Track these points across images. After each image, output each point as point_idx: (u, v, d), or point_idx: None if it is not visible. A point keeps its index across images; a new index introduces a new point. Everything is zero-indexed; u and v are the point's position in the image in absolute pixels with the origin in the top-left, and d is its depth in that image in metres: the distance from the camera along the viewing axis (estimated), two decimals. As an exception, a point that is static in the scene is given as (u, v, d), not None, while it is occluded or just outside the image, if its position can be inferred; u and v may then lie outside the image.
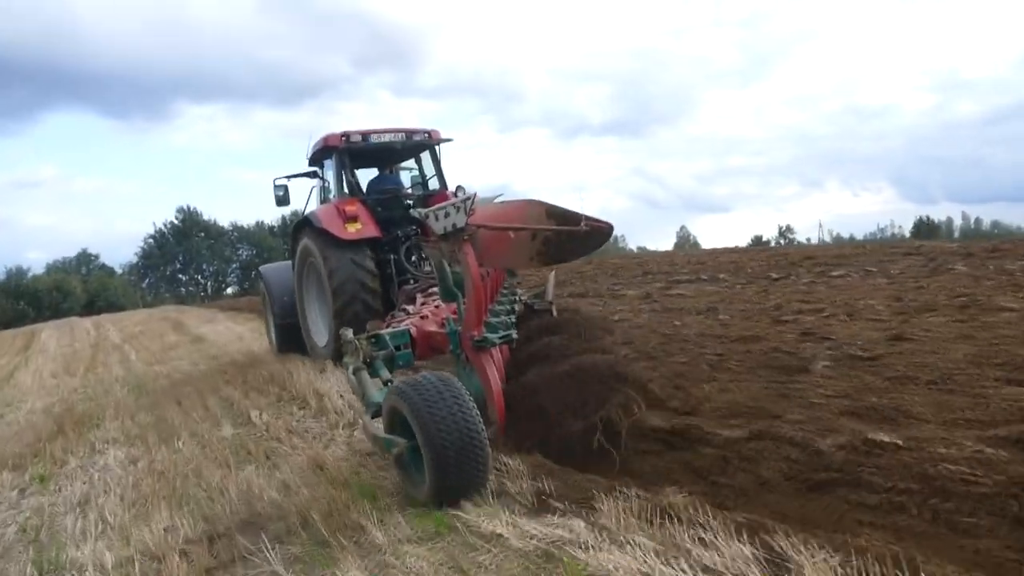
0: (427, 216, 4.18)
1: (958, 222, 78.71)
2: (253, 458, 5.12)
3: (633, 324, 8.84)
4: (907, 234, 61.09)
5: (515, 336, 4.46)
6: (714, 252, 24.46)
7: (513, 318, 5.30)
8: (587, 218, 4.24)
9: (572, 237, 4.31)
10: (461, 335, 4.39)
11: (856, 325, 6.98)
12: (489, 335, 4.27)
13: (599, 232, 4.31)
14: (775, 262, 15.81)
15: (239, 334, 15.86)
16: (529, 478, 3.73)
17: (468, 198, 4.03)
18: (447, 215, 4.09)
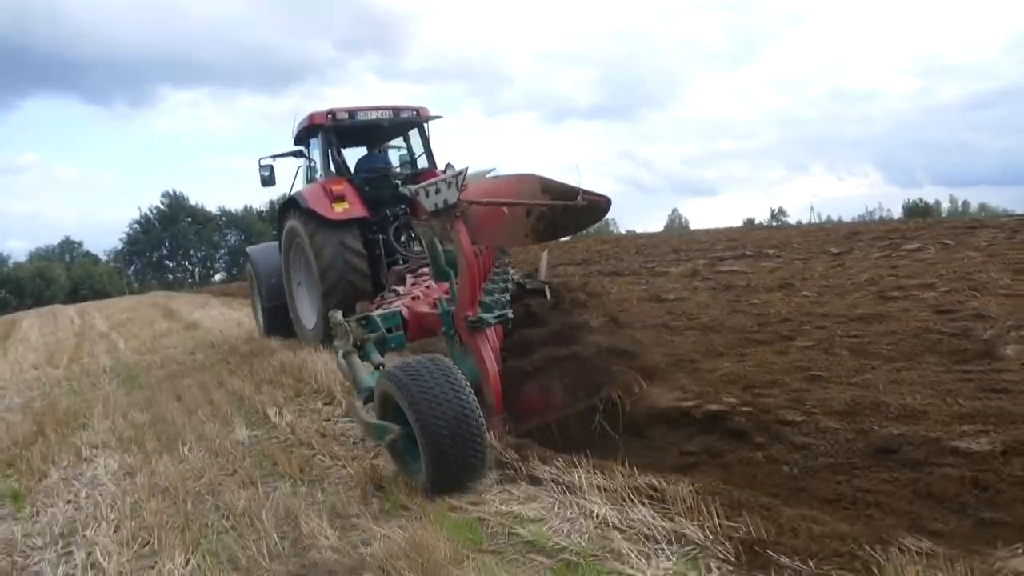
0: (417, 192, 4.02)
1: (945, 205, 79.20)
2: (283, 472, 4.18)
3: (698, 304, 8.21)
4: (895, 217, 61.23)
5: (511, 315, 4.30)
6: (731, 230, 23.75)
7: (507, 297, 5.14)
8: (584, 192, 4.08)
9: (569, 212, 4.16)
10: (455, 316, 4.24)
11: (996, 300, 6.24)
12: (484, 315, 4.11)
13: (597, 207, 4.16)
14: (820, 238, 14.77)
15: (236, 320, 14.65)
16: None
17: (459, 173, 3.85)
18: (438, 191, 3.92)
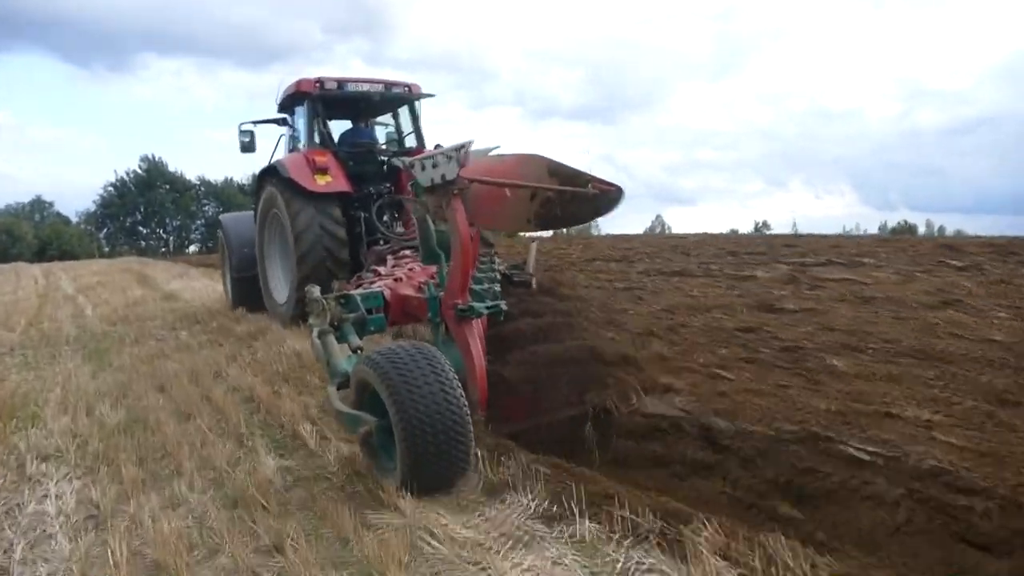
0: (412, 165, 3.68)
1: (922, 230, 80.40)
2: (356, 552, 2.68)
3: (853, 320, 6.49)
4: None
5: (504, 307, 3.98)
6: (742, 237, 22.28)
7: (498, 287, 4.81)
8: (594, 179, 3.75)
9: (576, 200, 3.82)
10: (442, 302, 3.91)
11: None
12: (475, 304, 3.78)
13: (607, 196, 3.82)
14: (904, 248, 12.52)
15: (220, 293, 12.13)
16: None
17: (462, 146, 3.50)
18: (435, 165, 3.59)
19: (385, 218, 8.21)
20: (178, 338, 8.12)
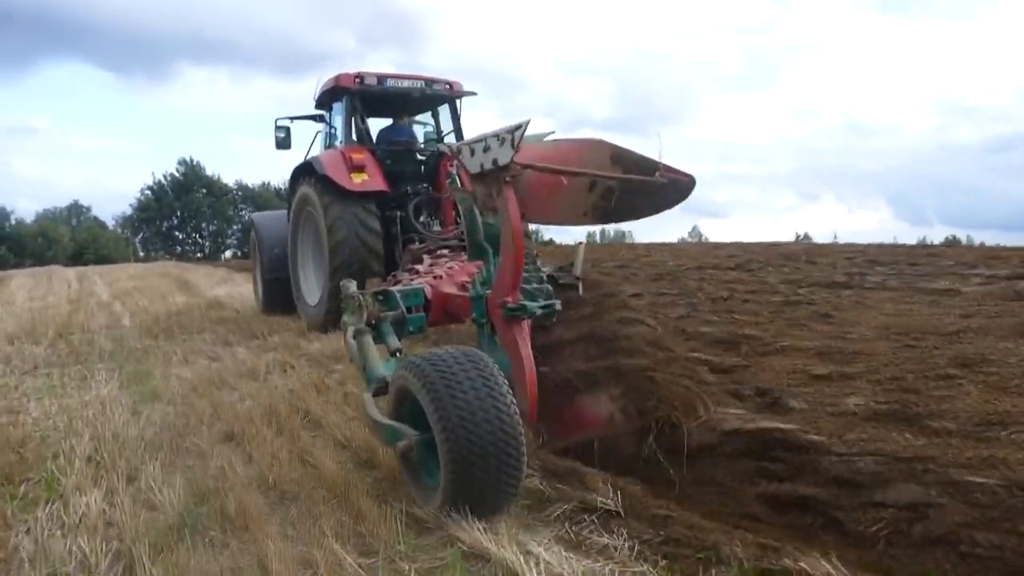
0: (460, 150, 3.30)
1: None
2: None
3: None
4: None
5: (559, 307, 3.58)
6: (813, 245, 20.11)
7: (549, 286, 4.42)
8: (665, 167, 3.36)
9: (643, 190, 3.43)
10: (490, 300, 3.52)
11: None
12: (527, 303, 3.38)
13: (678, 186, 3.43)
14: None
15: None
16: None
17: (517, 127, 3.11)
18: (487, 149, 3.19)
19: (422, 218, 7.93)
20: (235, 356, 6.76)
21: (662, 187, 3.38)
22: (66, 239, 55.15)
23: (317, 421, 4.37)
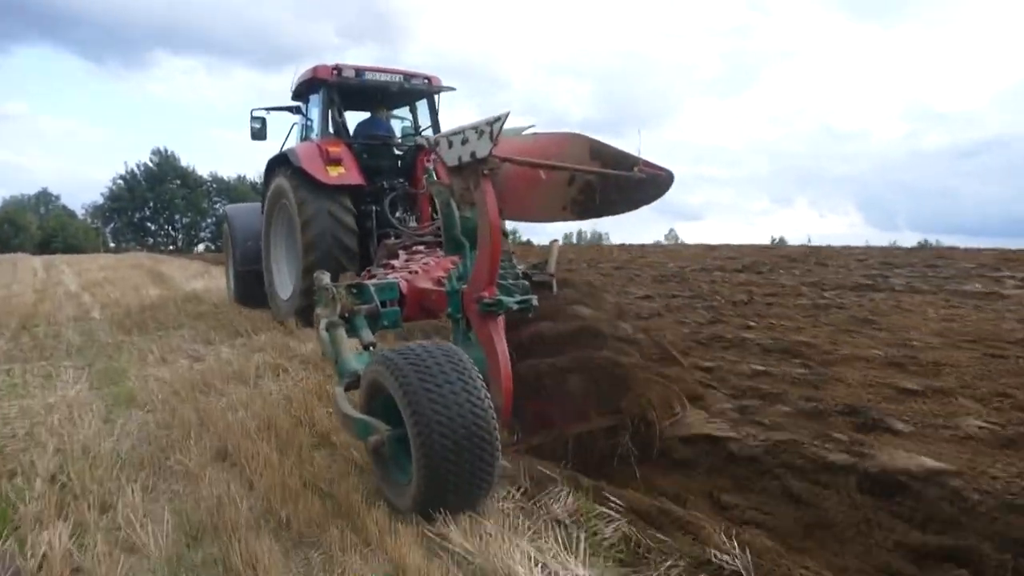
0: (438, 143, 3.26)
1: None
2: None
3: None
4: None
5: (535, 303, 3.54)
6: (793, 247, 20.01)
7: (526, 283, 4.39)
8: (644, 162, 3.34)
9: (621, 185, 3.41)
10: (465, 295, 3.48)
11: None
12: (503, 298, 3.35)
13: (656, 181, 3.41)
14: None
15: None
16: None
17: (496, 120, 3.07)
18: (465, 141, 3.15)
19: (398, 213, 7.84)
20: (219, 356, 6.09)
21: (640, 182, 3.37)
22: (34, 227, 53.93)
23: (325, 436, 3.78)
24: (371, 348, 3.50)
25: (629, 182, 3.35)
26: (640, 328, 4.62)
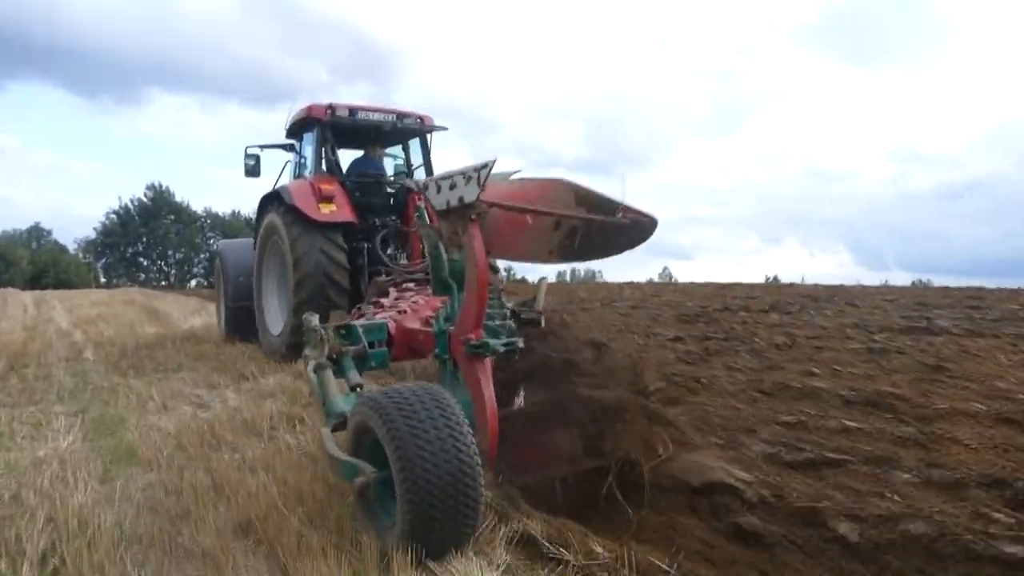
0: (427, 187, 3.33)
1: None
2: None
3: None
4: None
5: (521, 345, 3.59)
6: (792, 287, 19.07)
7: (512, 323, 4.43)
8: (627, 208, 3.42)
9: (605, 230, 3.48)
10: (452, 337, 3.52)
11: None
12: (490, 340, 3.39)
13: (639, 226, 3.49)
14: None
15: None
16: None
17: (484, 166, 3.15)
18: (453, 186, 3.22)
19: (389, 250, 7.93)
20: (226, 403, 5.65)
21: (624, 227, 3.44)
22: (24, 262, 53.67)
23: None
24: (358, 389, 3.53)
25: (613, 227, 3.43)
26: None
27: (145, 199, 63.92)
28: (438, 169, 8.55)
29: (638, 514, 3.12)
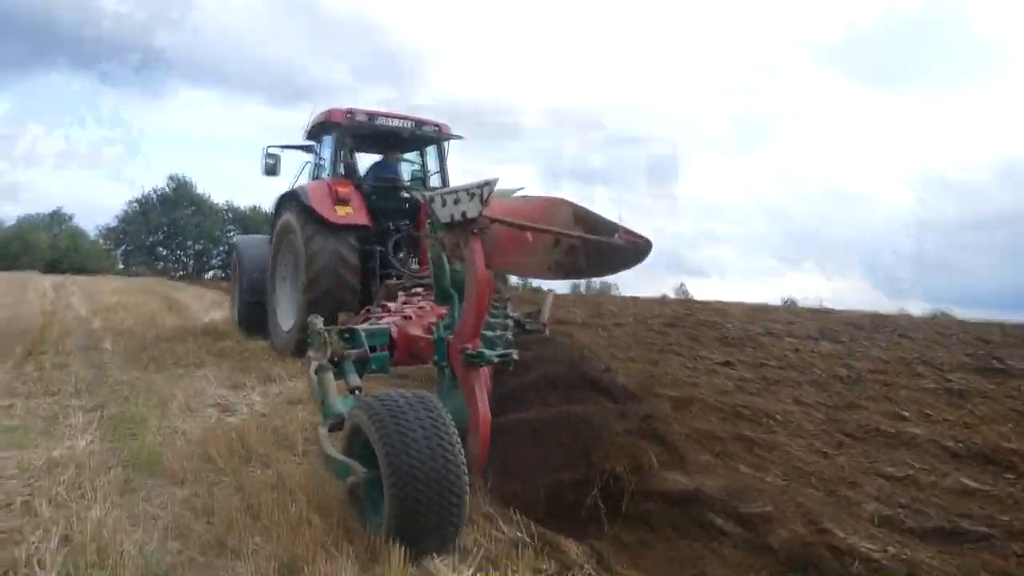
0: (432, 200, 3.47)
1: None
2: None
3: None
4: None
5: (516, 357, 3.72)
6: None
7: (511, 335, 4.56)
8: (622, 229, 3.55)
9: (602, 250, 3.61)
10: (451, 345, 3.66)
11: None
12: (486, 351, 3.52)
13: (636, 248, 3.62)
14: None
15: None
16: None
17: (486, 183, 3.30)
18: (457, 201, 3.38)
19: (401, 254, 8.10)
20: (252, 407, 5.40)
21: (621, 248, 3.56)
22: (44, 246, 54.10)
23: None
24: (356, 392, 3.67)
25: (610, 247, 3.55)
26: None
27: (167, 189, 64.49)
28: (453, 174, 8.74)
29: None
